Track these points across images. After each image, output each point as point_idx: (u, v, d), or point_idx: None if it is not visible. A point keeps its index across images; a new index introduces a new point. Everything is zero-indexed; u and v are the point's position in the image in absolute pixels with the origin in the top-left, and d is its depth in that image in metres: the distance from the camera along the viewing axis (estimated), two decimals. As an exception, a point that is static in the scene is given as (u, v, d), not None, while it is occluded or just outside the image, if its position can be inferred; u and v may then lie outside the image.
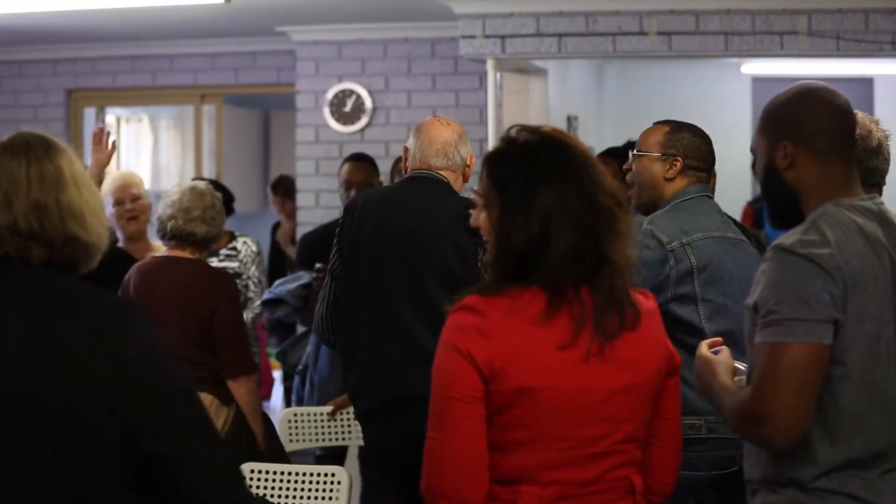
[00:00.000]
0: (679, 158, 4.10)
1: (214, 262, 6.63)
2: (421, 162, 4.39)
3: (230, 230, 6.92)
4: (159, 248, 5.45)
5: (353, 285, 4.34)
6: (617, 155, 6.15)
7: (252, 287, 6.68)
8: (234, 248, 6.74)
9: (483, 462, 2.63)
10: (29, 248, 2.36)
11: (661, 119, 4.31)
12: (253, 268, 6.71)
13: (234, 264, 6.66)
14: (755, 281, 2.73)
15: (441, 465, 2.65)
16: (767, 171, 2.86)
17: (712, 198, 4.18)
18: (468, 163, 4.43)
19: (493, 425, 2.63)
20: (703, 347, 2.98)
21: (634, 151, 4.21)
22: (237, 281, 6.59)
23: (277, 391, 8.58)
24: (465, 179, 4.44)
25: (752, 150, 2.90)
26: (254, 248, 6.78)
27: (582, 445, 2.64)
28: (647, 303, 2.75)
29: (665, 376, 2.76)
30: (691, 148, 4.12)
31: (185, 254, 5.12)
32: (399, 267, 4.26)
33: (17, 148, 2.40)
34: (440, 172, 4.37)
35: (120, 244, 5.75)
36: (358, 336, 4.33)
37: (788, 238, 2.70)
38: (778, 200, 2.87)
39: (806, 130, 2.80)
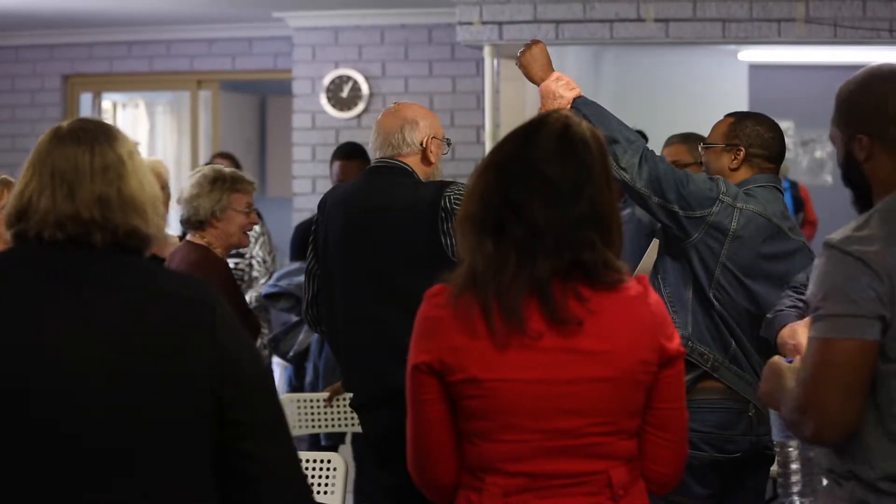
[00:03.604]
0: (742, 148, 4.15)
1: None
2: (376, 155, 4.41)
3: None
4: (174, 240, 5.42)
5: (329, 283, 4.38)
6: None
7: (256, 266, 6.74)
8: None
9: (449, 452, 2.68)
10: (91, 234, 2.37)
11: (655, 107, 4.34)
12: (256, 248, 6.77)
13: None
14: (810, 275, 2.69)
15: (414, 453, 2.73)
16: (847, 163, 2.80)
17: (781, 191, 4.21)
18: (425, 145, 4.30)
19: (458, 415, 2.65)
20: (776, 359, 2.92)
21: (702, 144, 4.30)
22: (241, 260, 6.74)
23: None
24: (429, 162, 4.32)
25: (831, 139, 2.86)
26: (257, 228, 6.83)
27: (550, 438, 2.61)
28: (635, 288, 2.66)
29: (655, 368, 2.66)
30: (754, 137, 4.16)
31: (195, 238, 5.09)
32: (366, 263, 4.27)
33: (81, 135, 2.40)
34: (400, 160, 4.33)
35: None
36: (339, 333, 4.38)
37: (839, 233, 2.66)
38: (860, 191, 2.81)
39: (878, 122, 2.73)
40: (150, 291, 2.37)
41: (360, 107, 8.80)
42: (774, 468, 3.96)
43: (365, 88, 8.82)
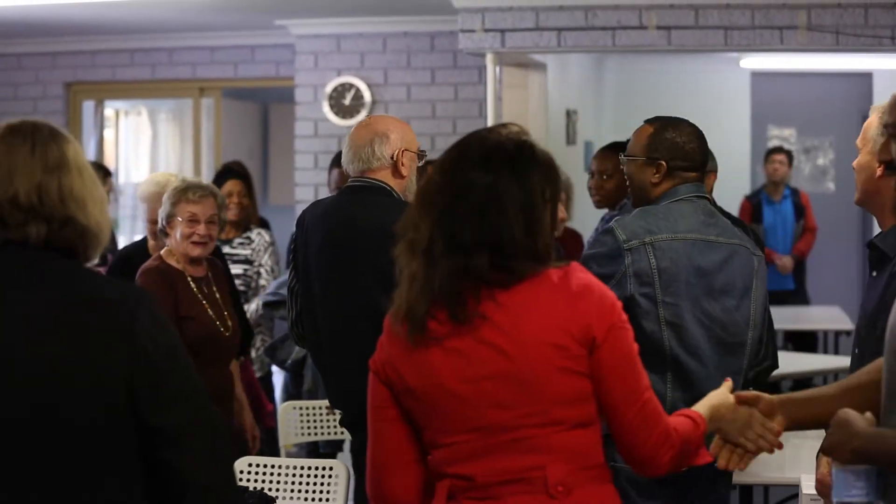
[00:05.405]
0: (663, 162, 4.01)
1: (226, 249, 6.75)
2: (347, 169, 4.38)
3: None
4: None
5: (310, 302, 4.40)
6: (618, 149, 6.18)
7: (264, 274, 6.83)
8: (248, 238, 6.88)
9: (406, 460, 2.72)
10: (27, 224, 2.40)
11: (658, 114, 4.25)
12: (266, 256, 6.86)
13: (247, 251, 6.79)
14: None
15: (372, 467, 2.75)
16: None
17: (706, 197, 4.07)
18: (395, 158, 4.31)
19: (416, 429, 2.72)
20: (846, 410, 2.81)
21: (623, 154, 4.14)
22: (249, 267, 6.81)
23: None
24: (401, 175, 4.32)
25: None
26: (267, 238, 6.94)
27: (484, 436, 2.62)
28: (556, 275, 2.65)
29: (581, 352, 2.61)
30: (675, 149, 4.01)
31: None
32: (342, 281, 4.29)
33: (24, 130, 2.45)
34: (373, 177, 4.32)
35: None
36: (322, 352, 4.41)
37: None
38: None
39: None
40: (70, 293, 2.39)
41: (363, 114, 8.78)
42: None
43: (367, 96, 8.82)
